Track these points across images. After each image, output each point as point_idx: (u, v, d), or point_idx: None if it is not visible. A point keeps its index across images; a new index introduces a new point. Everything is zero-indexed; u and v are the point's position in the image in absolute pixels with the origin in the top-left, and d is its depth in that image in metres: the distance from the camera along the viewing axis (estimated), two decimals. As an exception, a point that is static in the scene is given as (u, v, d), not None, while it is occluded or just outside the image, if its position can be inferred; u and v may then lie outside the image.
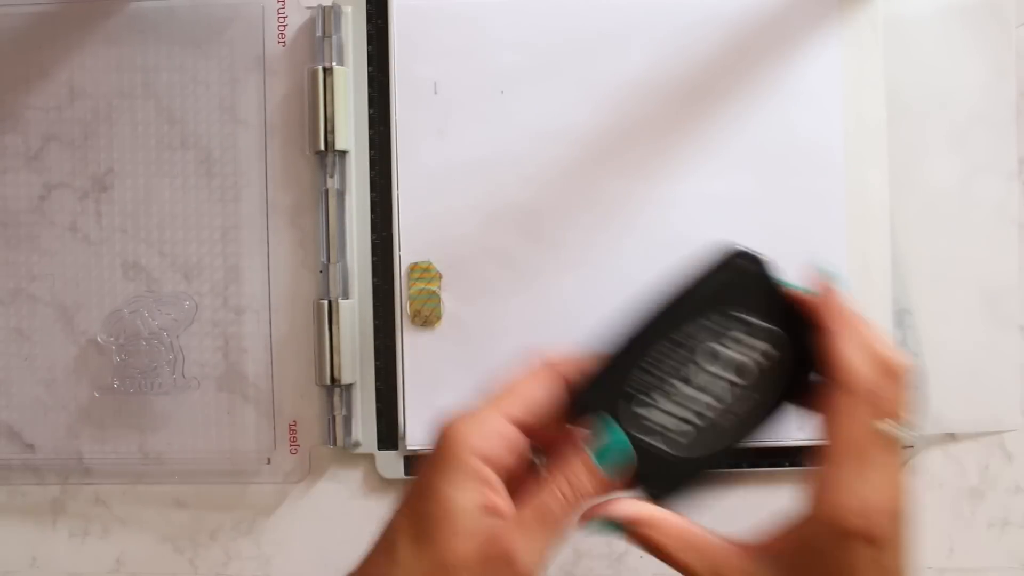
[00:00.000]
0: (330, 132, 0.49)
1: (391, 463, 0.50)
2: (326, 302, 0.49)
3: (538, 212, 0.49)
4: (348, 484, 0.51)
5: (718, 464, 0.34)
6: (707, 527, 0.32)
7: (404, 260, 0.50)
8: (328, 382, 0.49)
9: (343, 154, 0.50)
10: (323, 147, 0.49)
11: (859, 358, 0.30)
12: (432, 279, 0.49)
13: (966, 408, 0.50)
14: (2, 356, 0.52)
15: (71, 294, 0.51)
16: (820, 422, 0.31)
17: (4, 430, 0.51)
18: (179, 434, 0.51)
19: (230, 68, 0.51)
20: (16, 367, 0.51)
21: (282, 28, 0.51)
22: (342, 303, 0.49)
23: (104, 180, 0.51)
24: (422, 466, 0.32)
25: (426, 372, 0.49)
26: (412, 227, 0.50)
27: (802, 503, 0.30)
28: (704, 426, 0.33)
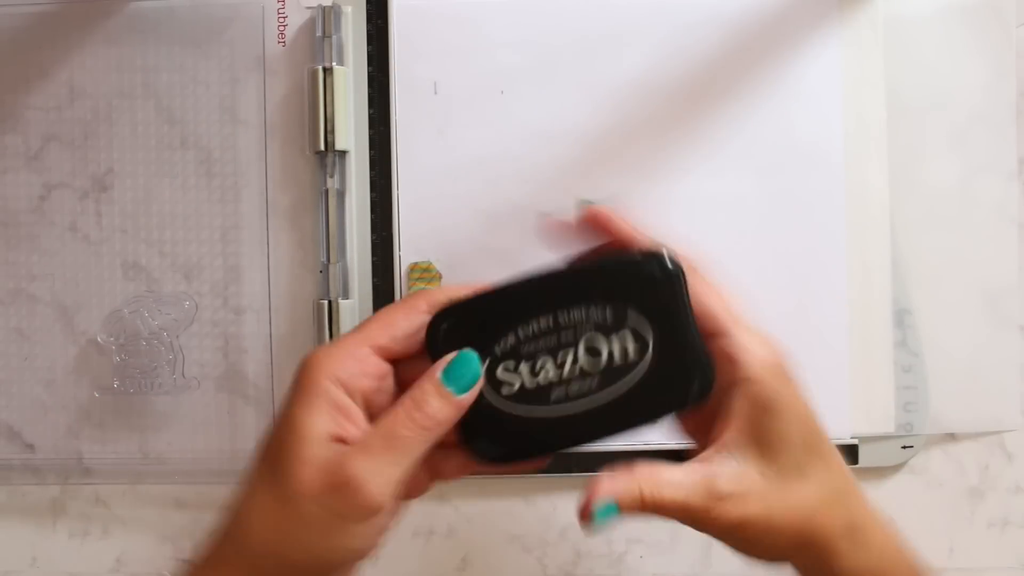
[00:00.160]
0: (330, 132, 0.49)
1: (391, 463, 0.50)
2: (326, 302, 0.49)
3: (538, 212, 0.49)
4: (348, 484, 0.51)
5: (556, 447, 0.33)
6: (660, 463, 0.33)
7: (404, 260, 0.50)
8: (328, 382, 0.49)
9: (343, 154, 0.50)
10: (323, 147, 0.49)
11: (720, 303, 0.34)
12: (432, 279, 0.49)
13: (966, 408, 0.50)
14: (2, 356, 0.52)
15: (71, 294, 0.51)
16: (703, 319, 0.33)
17: (4, 430, 0.51)
18: (179, 434, 0.51)
19: (230, 68, 0.51)
20: (16, 367, 0.51)
21: (282, 28, 0.51)
22: (342, 303, 0.49)
23: (104, 180, 0.51)
24: (284, 398, 0.32)
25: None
26: (412, 227, 0.50)
27: (721, 383, 0.33)
28: (557, 411, 0.32)
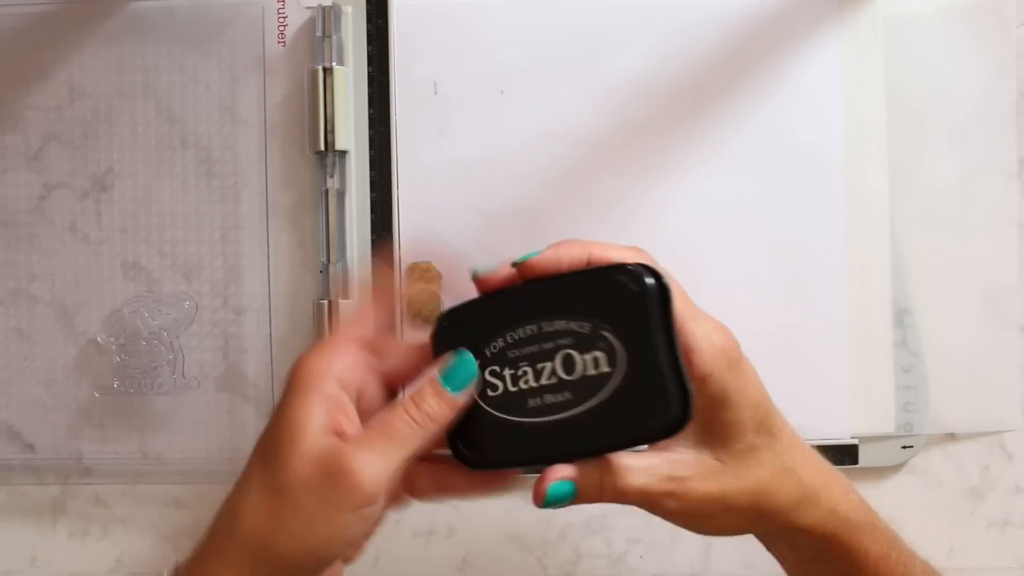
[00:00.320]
0: (330, 132, 0.49)
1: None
2: (326, 302, 0.49)
3: (538, 212, 0.49)
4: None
5: (527, 460, 0.33)
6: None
7: (404, 260, 0.50)
8: (328, 382, 0.49)
9: (343, 154, 0.50)
10: (323, 147, 0.49)
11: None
12: (432, 279, 0.49)
13: (966, 408, 0.50)
14: (2, 356, 0.52)
15: (71, 294, 0.51)
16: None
17: (4, 430, 0.51)
18: (179, 434, 0.51)
19: (230, 68, 0.51)
20: (16, 367, 0.51)
21: (282, 28, 0.51)
22: (342, 303, 0.49)
23: (104, 180, 0.51)
24: (280, 396, 0.33)
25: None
26: (412, 227, 0.50)
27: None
28: (532, 421, 0.32)
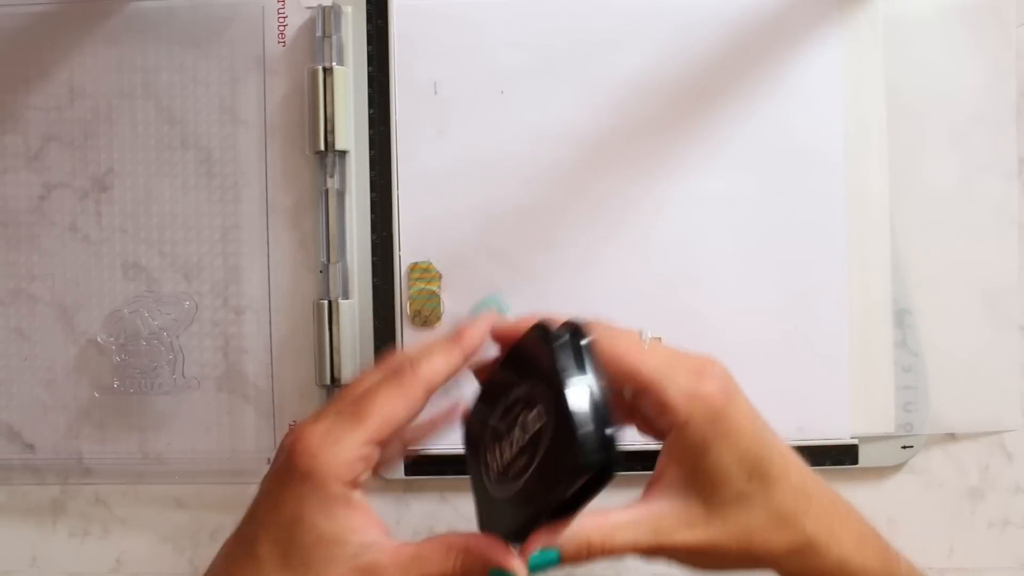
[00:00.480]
0: (330, 132, 0.49)
1: (391, 463, 0.50)
2: (326, 302, 0.49)
3: (538, 212, 0.49)
4: (348, 484, 0.51)
5: (531, 525, 0.31)
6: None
7: (404, 260, 0.50)
8: (328, 382, 0.49)
9: (343, 154, 0.50)
10: (323, 147, 0.49)
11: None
12: (432, 279, 0.49)
13: (966, 408, 0.50)
14: (2, 356, 0.52)
15: (71, 294, 0.51)
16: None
17: (4, 430, 0.51)
18: (179, 434, 0.51)
19: (230, 68, 0.51)
20: (16, 367, 0.51)
21: (282, 28, 0.51)
22: (342, 303, 0.49)
23: (104, 180, 0.51)
24: (281, 491, 0.32)
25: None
26: (412, 227, 0.50)
27: (660, 428, 0.34)
28: (520, 487, 0.31)
